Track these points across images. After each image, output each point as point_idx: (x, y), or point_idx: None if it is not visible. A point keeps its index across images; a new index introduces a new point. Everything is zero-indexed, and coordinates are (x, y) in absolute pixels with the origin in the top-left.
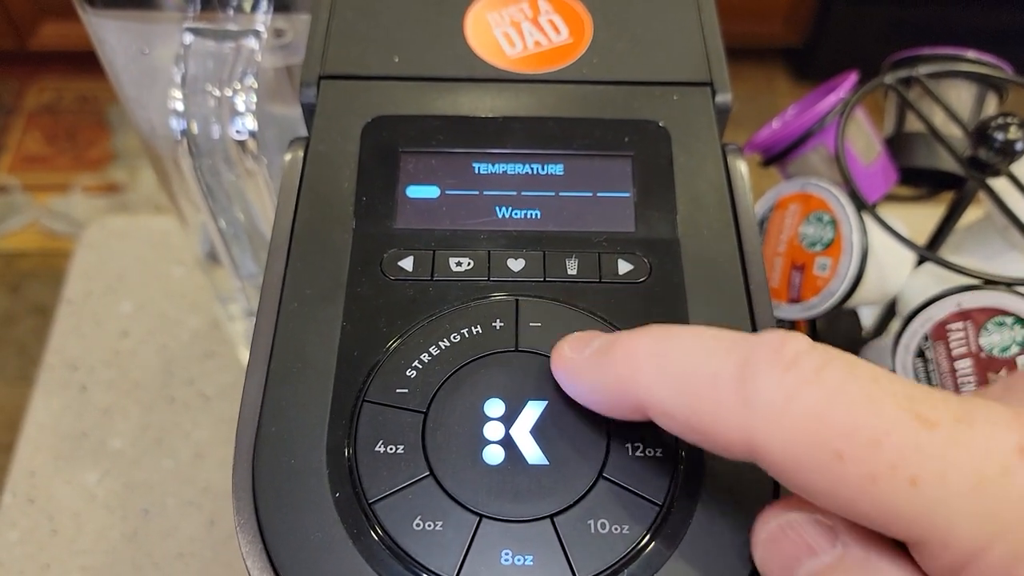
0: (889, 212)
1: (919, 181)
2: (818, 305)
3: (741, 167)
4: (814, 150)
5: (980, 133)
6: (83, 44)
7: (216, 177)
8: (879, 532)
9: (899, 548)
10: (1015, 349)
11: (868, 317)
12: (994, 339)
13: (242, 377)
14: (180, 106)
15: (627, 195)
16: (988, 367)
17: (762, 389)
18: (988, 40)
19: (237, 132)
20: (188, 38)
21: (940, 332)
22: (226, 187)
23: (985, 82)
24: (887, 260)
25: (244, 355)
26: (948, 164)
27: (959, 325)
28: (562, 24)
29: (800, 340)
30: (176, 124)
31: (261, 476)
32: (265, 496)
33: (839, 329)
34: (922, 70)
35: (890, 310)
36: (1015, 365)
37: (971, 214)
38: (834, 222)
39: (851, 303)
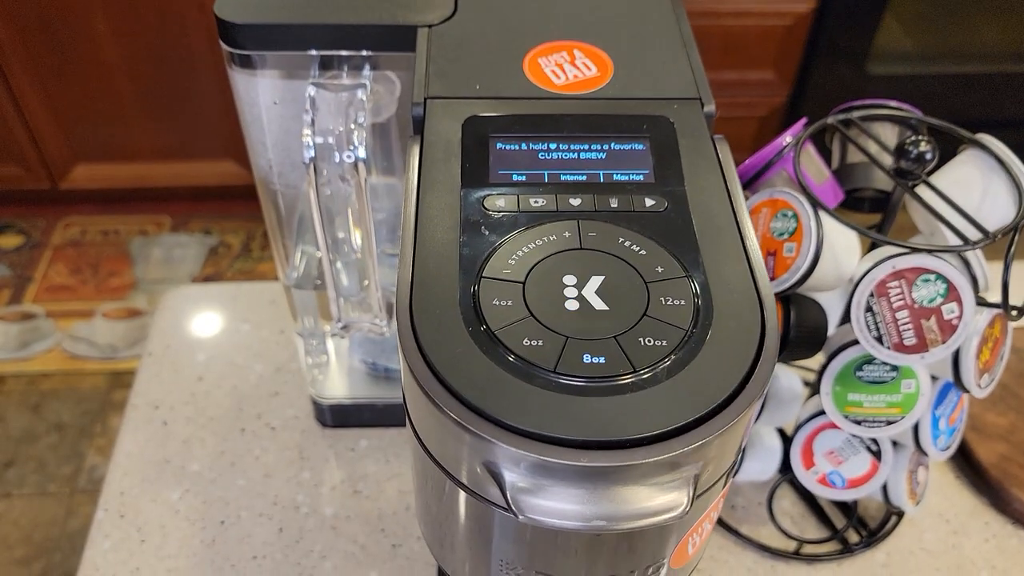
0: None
1: (861, 206)
2: (788, 279)
3: (726, 149)
4: (777, 174)
5: (900, 148)
6: (112, 183)
7: (332, 195)
8: None
9: None
10: (939, 300)
11: (834, 314)
12: (923, 292)
13: (304, 412)
14: (309, 141)
15: (647, 168)
16: (921, 316)
17: None
18: (955, 90)
19: (350, 158)
20: (312, 91)
21: (882, 289)
22: (338, 205)
23: (903, 123)
24: (839, 245)
25: (311, 391)
26: (881, 182)
27: (896, 283)
28: (592, 65)
29: None
30: (307, 154)
31: (419, 320)
32: (423, 332)
33: (808, 316)
34: (856, 114)
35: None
36: (941, 312)
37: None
38: (796, 216)
39: (812, 282)
